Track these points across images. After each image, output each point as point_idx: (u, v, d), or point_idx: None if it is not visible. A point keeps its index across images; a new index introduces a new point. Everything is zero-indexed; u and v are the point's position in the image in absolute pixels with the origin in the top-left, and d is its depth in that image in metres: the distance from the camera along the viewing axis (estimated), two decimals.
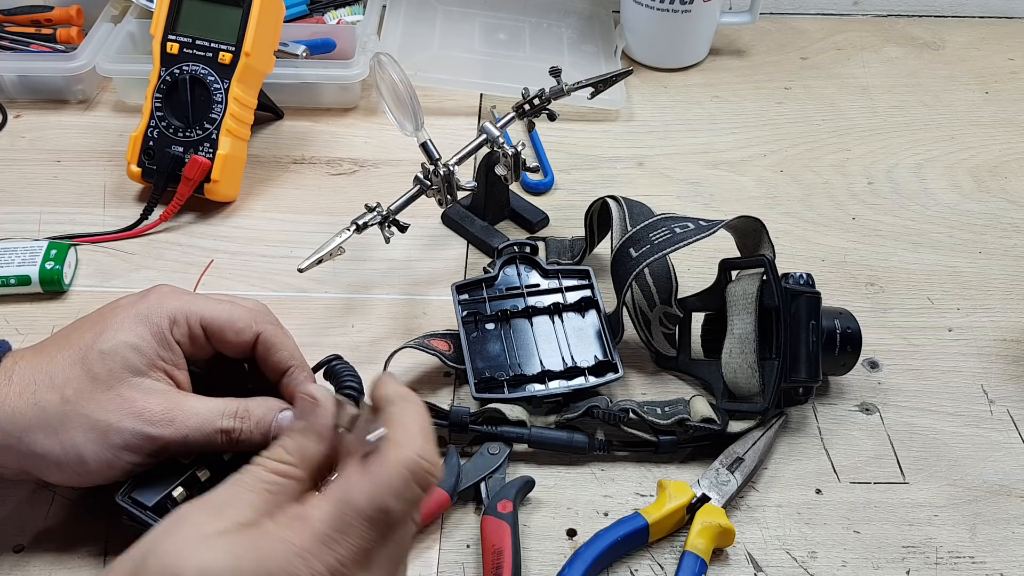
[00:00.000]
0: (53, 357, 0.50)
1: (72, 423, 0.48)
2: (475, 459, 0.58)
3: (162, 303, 0.52)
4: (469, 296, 0.65)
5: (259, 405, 0.52)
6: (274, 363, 0.54)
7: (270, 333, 0.54)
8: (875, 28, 1.07)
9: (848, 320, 0.63)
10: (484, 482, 0.56)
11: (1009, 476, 0.60)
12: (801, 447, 0.61)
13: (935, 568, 0.55)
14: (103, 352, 0.50)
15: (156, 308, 0.52)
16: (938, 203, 0.82)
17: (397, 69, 0.66)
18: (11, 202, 0.79)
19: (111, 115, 0.89)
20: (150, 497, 0.50)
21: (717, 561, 0.55)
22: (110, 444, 0.49)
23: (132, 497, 0.50)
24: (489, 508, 0.54)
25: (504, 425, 0.59)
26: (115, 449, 0.49)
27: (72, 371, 0.49)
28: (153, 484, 0.51)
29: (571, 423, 0.60)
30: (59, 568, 0.53)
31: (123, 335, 0.50)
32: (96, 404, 0.49)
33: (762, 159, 0.86)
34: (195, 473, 0.52)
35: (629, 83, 0.95)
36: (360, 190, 0.81)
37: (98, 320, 0.52)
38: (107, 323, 0.51)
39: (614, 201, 0.66)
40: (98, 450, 0.49)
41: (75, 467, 0.49)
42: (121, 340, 0.50)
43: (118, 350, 0.50)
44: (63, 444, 0.48)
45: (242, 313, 0.54)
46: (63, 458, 0.49)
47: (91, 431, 0.48)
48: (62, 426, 0.48)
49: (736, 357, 0.60)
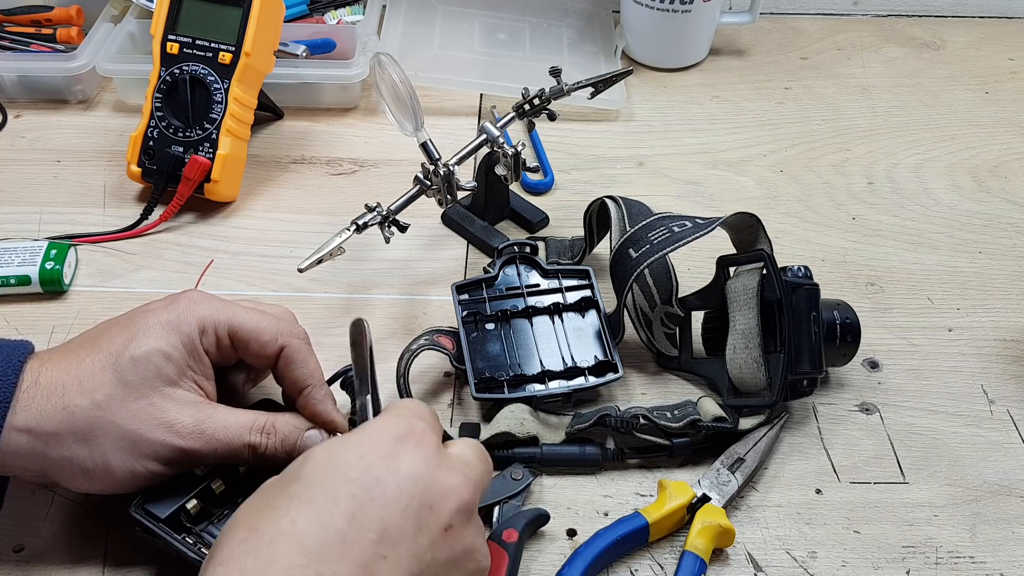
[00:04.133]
0: (82, 361, 0.49)
1: (102, 430, 0.48)
2: (496, 480, 0.56)
3: (192, 310, 0.52)
4: (469, 296, 0.65)
5: (286, 422, 0.52)
6: (293, 378, 0.54)
7: (294, 348, 0.54)
8: (875, 28, 1.07)
9: (846, 311, 0.63)
10: (499, 506, 0.55)
11: (1009, 476, 0.60)
12: (801, 447, 0.61)
13: (935, 568, 0.55)
14: (135, 358, 0.49)
15: (186, 315, 0.51)
16: (938, 203, 0.82)
17: (397, 69, 0.66)
18: (11, 202, 0.79)
19: (111, 115, 0.89)
20: (163, 509, 0.50)
21: (717, 561, 0.55)
22: (139, 453, 0.48)
23: (145, 508, 0.50)
24: (495, 534, 0.53)
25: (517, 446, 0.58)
26: (142, 459, 0.48)
27: (103, 376, 0.49)
28: (167, 496, 0.50)
29: (582, 433, 0.59)
30: (59, 568, 0.53)
31: (154, 342, 0.50)
32: (127, 413, 0.48)
33: (762, 159, 0.86)
34: (210, 485, 0.51)
35: (629, 83, 0.95)
36: (360, 190, 0.81)
37: (128, 325, 0.51)
38: (137, 328, 0.50)
39: (612, 201, 0.66)
40: (125, 459, 0.48)
41: (101, 475, 0.48)
42: (153, 347, 0.50)
43: (150, 358, 0.49)
44: (92, 451, 0.48)
45: (269, 324, 0.53)
46: (90, 465, 0.48)
47: (121, 440, 0.48)
48: (92, 433, 0.48)
49: (740, 353, 0.60)
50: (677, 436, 0.59)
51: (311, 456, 0.43)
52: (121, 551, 0.54)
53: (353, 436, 0.44)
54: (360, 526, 0.40)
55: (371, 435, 0.44)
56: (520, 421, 0.59)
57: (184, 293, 0.54)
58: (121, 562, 0.53)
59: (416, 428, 0.44)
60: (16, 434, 0.47)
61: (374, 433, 0.44)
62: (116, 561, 0.53)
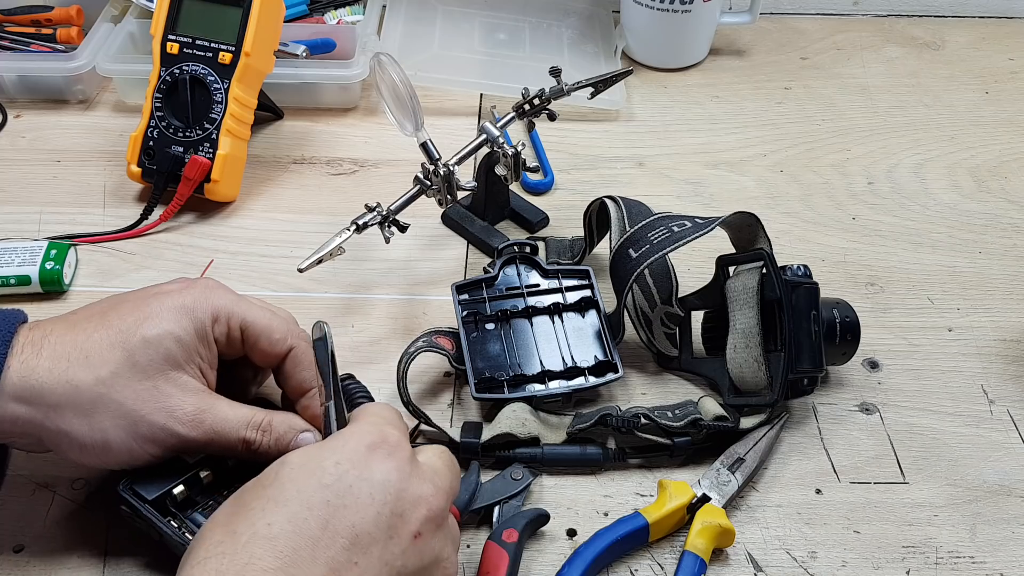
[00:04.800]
0: (90, 335, 0.49)
1: (104, 407, 0.48)
2: (496, 480, 0.56)
3: (207, 297, 0.52)
4: (469, 296, 0.65)
5: (282, 421, 0.52)
6: (299, 380, 0.54)
7: (302, 350, 0.54)
8: (875, 28, 1.07)
9: (846, 310, 0.63)
10: (499, 505, 0.55)
11: (1009, 476, 0.60)
12: (801, 447, 0.61)
13: (935, 568, 0.55)
14: (147, 339, 0.49)
15: (202, 302, 0.51)
16: (938, 203, 0.82)
17: (397, 69, 0.66)
18: (11, 202, 0.79)
19: (111, 115, 0.89)
20: (151, 491, 0.50)
21: (717, 561, 0.55)
22: (137, 434, 0.48)
23: (133, 488, 0.50)
24: (495, 534, 0.53)
25: (518, 447, 0.58)
26: (141, 440, 0.49)
27: (111, 354, 0.48)
28: (156, 478, 0.51)
29: (583, 433, 0.59)
30: (59, 568, 0.53)
31: (167, 324, 0.50)
32: (131, 392, 0.48)
33: (762, 159, 0.86)
34: (198, 473, 0.52)
35: (629, 83, 0.95)
36: (360, 190, 0.81)
37: (140, 304, 0.51)
38: (150, 308, 0.50)
39: (612, 201, 0.66)
40: (124, 438, 0.48)
41: (98, 450, 0.49)
42: (165, 330, 0.49)
43: (162, 340, 0.49)
44: (91, 426, 0.48)
45: (280, 324, 0.54)
46: (88, 440, 0.48)
47: (122, 419, 0.48)
48: (93, 408, 0.48)
49: (741, 352, 0.60)
50: (679, 435, 0.59)
51: (288, 461, 0.44)
52: (121, 551, 0.54)
53: (328, 443, 0.45)
54: (333, 532, 0.41)
55: (346, 443, 0.45)
56: (522, 421, 0.59)
57: (199, 279, 0.54)
58: (121, 562, 0.53)
59: (390, 437, 0.45)
60: (14, 404, 0.47)
61: (349, 441, 0.45)
62: (116, 561, 0.53)
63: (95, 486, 0.57)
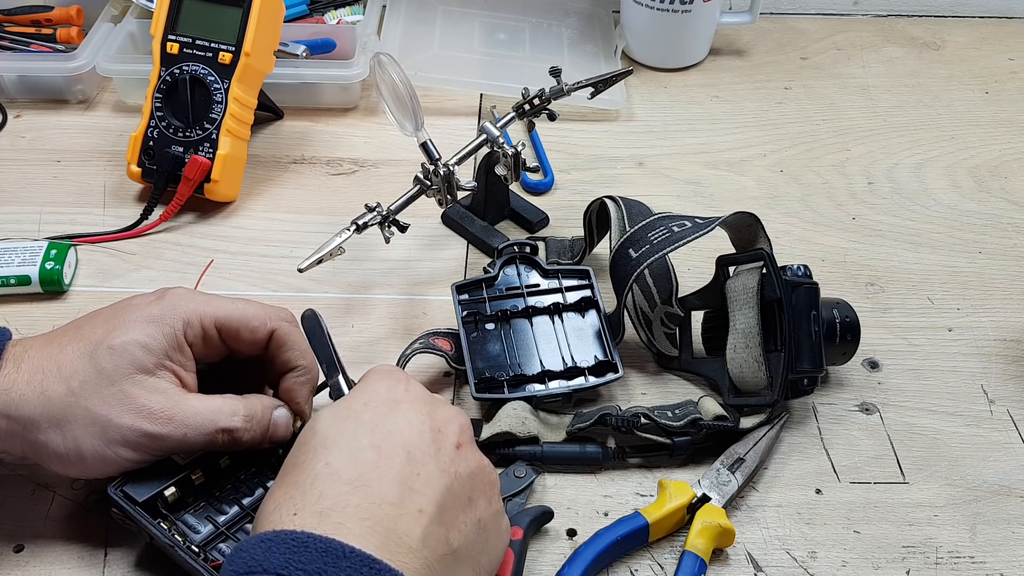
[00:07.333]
0: (64, 348, 0.50)
1: (74, 416, 0.49)
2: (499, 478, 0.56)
3: (176, 306, 0.52)
4: (469, 296, 0.65)
5: (256, 403, 0.53)
6: (285, 359, 0.55)
7: (284, 330, 0.54)
8: (875, 28, 1.07)
9: (846, 310, 0.63)
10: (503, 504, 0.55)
11: (1009, 476, 0.60)
12: (801, 447, 0.61)
13: (935, 568, 0.55)
14: (112, 348, 0.50)
15: (170, 311, 0.52)
16: (938, 203, 0.82)
17: (397, 69, 0.66)
18: (11, 202, 0.79)
19: (111, 115, 0.89)
20: (141, 493, 0.51)
21: (717, 561, 0.55)
22: (108, 439, 0.49)
23: (123, 491, 0.51)
24: None
25: (518, 445, 0.59)
26: (112, 444, 0.49)
27: (80, 364, 0.49)
28: (147, 481, 0.51)
29: (582, 433, 0.60)
30: (59, 568, 0.53)
31: (134, 333, 0.50)
32: (98, 398, 0.49)
33: (762, 159, 0.86)
34: (189, 475, 0.52)
35: (629, 83, 0.95)
36: (360, 190, 0.81)
37: (111, 316, 0.52)
38: (119, 320, 0.51)
39: (612, 201, 0.66)
40: (96, 444, 0.49)
41: (74, 460, 0.49)
42: (132, 338, 0.50)
43: (127, 347, 0.50)
44: (64, 437, 0.49)
45: (256, 311, 0.54)
46: (63, 450, 0.49)
47: (91, 425, 0.49)
48: (65, 418, 0.49)
49: (741, 352, 0.60)
50: (679, 435, 0.59)
51: (319, 417, 0.46)
52: (121, 551, 0.54)
53: (351, 395, 0.48)
54: (388, 453, 0.44)
55: (366, 389, 0.48)
56: (521, 420, 0.59)
57: (171, 289, 0.54)
58: (121, 562, 0.53)
59: (400, 377, 0.49)
60: None
61: (368, 389, 0.48)
62: (116, 561, 0.53)
63: (95, 486, 0.56)
